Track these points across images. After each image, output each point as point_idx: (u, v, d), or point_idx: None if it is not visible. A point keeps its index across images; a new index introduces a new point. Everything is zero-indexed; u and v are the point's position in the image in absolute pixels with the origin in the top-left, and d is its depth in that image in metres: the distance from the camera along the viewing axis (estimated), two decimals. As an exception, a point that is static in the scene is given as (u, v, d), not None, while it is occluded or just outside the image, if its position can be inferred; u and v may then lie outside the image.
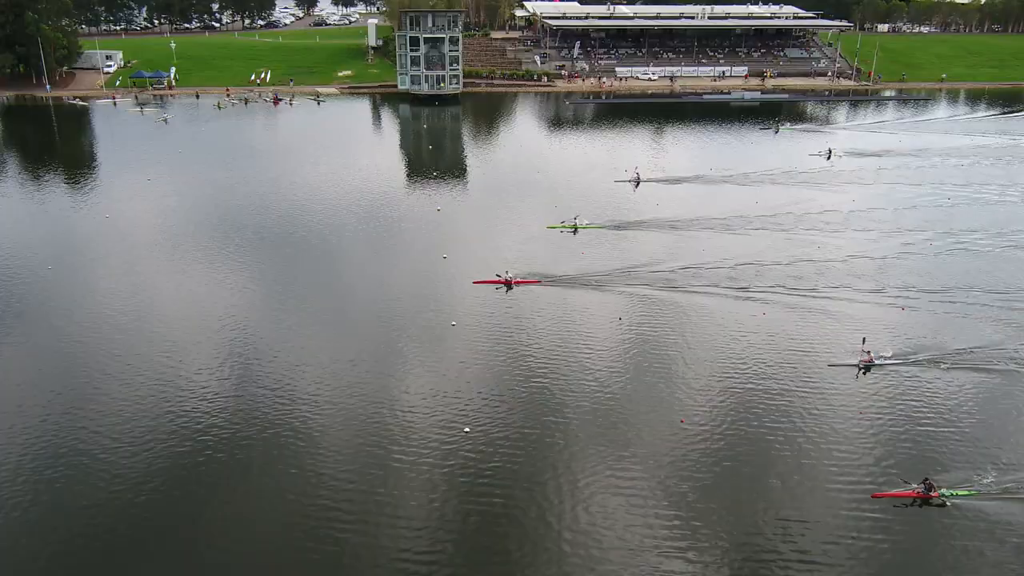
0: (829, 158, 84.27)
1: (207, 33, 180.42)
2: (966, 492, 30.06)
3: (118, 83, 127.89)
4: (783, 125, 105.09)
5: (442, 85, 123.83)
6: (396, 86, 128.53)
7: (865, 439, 34.06)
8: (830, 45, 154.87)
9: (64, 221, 63.46)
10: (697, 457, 32.79)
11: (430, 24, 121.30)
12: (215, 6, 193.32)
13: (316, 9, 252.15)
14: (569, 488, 30.86)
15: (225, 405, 36.33)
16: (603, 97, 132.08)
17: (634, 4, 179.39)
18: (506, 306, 47.61)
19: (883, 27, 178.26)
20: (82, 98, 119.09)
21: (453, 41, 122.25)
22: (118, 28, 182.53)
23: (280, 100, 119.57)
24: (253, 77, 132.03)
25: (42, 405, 35.71)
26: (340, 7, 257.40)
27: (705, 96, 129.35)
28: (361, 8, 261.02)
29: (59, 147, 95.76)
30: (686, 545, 28.05)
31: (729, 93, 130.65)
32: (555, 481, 31.27)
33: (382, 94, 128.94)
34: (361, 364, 40.06)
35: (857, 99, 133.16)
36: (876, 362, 39.62)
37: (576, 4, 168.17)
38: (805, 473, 31.76)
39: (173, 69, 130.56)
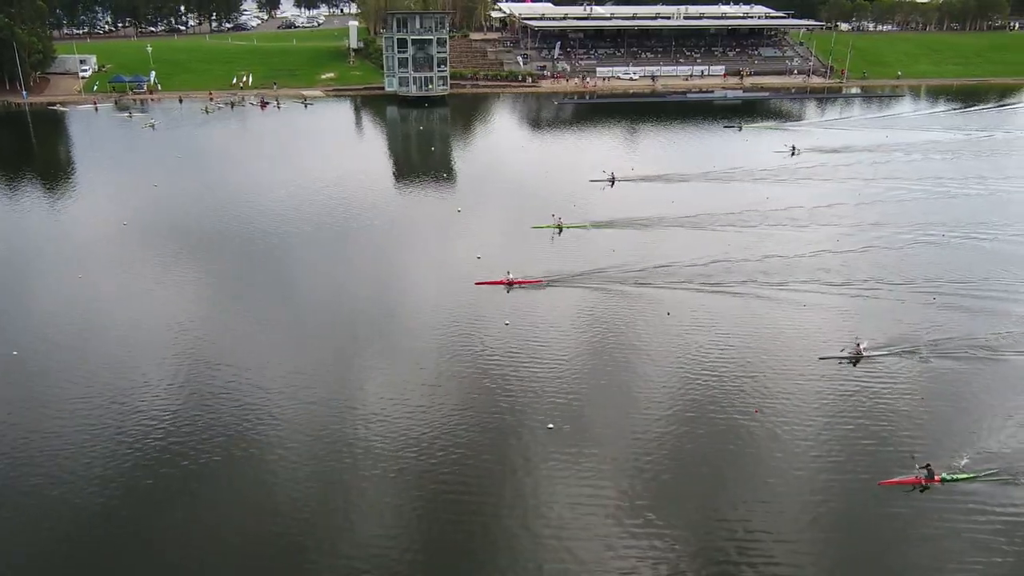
0: (793, 154, 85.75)
1: (176, 36, 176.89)
2: (965, 476, 31.23)
3: (96, 88, 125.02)
4: (746, 123, 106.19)
5: (430, 87, 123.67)
6: (382, 88, 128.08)
7: (862, 429, 34.83)
8: (801, 44, 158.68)
9: (86, 229, 62.04)
10: (700, 451, 33.20)
11: (418, 26, 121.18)
12: (181, 8, 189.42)
13: (279, 11, 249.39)
14: (563, 484, 31.10)
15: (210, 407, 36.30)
16: (587, 97, 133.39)
17: (603, 3, 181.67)
18: (509, 306, 47.51)
19: (844, 26, 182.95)
20: (62, 104, 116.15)
21: (441, 42, 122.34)
22: (80, 32, 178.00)
23: (267, 103, 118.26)
24: (235, 80, 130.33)
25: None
26: (304, 9, 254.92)
27: (689, 95, 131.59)
28: (325, 10, 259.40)
29: (57, 155, 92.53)
30: (687, 535, 28.48)
31: (712, 92, 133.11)
32: (548, 479, 31.51)
33: (368, 96, 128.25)
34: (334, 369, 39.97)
35: (833, 96, 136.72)
36: (865, 354, 40.63)
37: (550, 5, 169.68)
38: (810, 463, 32.46)
39: (153, 73, 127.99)
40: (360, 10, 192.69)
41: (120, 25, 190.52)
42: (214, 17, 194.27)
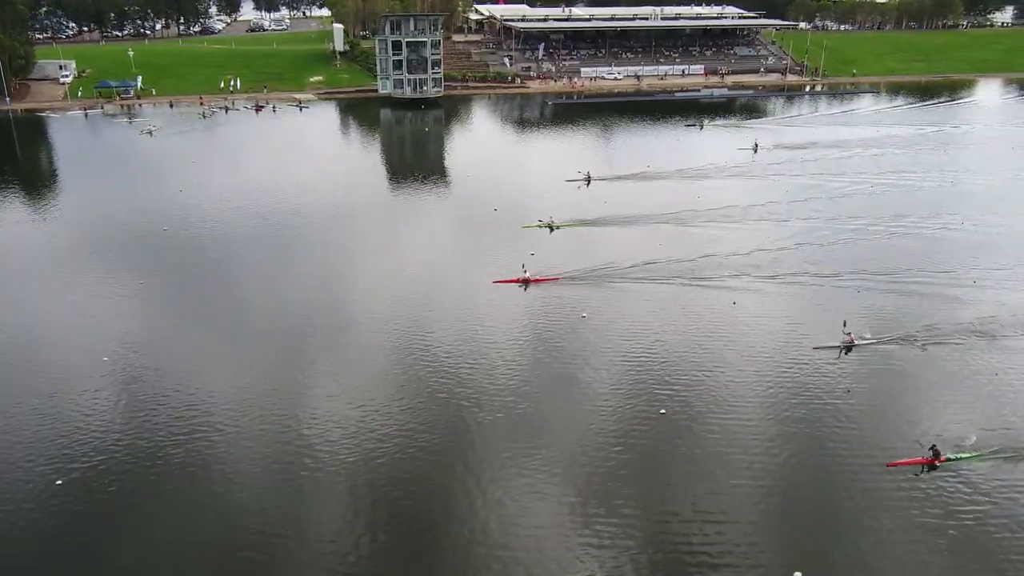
0: (756, 151, 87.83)
1: (148, 40, 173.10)
2: (968, 455, 32.60)
3: (80, 93, 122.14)
4: (706, 122, 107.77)
5: (424, 89, 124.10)
6: (375, 90, 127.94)
7: (863, 413, 36.09)
8: (773, 43, 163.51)
9: (129, 234, 61.30)
10: (711, 439, 34.10)
11: (412, 28, 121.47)
12: (149, 12, 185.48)
13: (239, 14, 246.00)
14: (575, 472, 31.89)
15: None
16: (575, 97, 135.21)
17: (573, 5, 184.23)
18: (525, 304, 48.36)
19: (804, 25, 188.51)
20: (52, 110, 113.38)
21: (435, 44, 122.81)
22: (41, 37, 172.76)
23: (262, 107, 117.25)
24: (222, 84, 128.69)
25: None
26: (264, 12, 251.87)
27: (677, 94, 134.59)
28: (286, 12, 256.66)
29: (69, 162, 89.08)
30: (694, 517, 29.47)
31: (699, 91, 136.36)
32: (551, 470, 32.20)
33: (361, 99, 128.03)
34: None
35: (811, 94, 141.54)
36: (857, 343, 41.94)
37: (525, 7, 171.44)
38: (819, 447, 33.62)
39: (140, 78, 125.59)
40: (331, 12, 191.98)
41: (84, 30, 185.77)
42: (182, 21, 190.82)
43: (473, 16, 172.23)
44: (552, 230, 60.88)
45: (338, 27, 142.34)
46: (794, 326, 44.88)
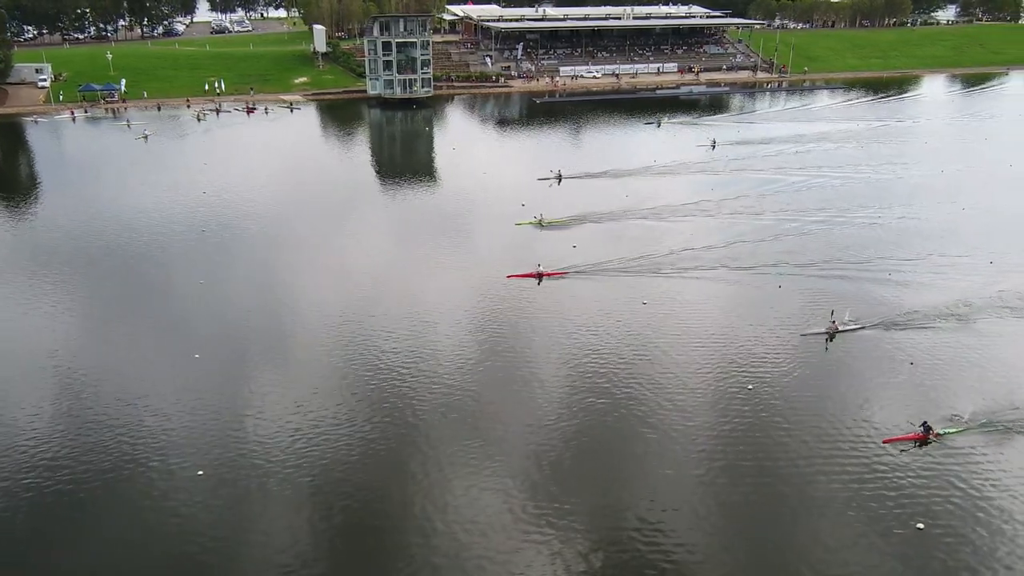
0: (713, 148, 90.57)
1: (113, 43, 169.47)
2: (955, 429, 35.07)
3: (62, 97, 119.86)
4: (664, 119, 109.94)
5: (414, 89, 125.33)
6: (364, 91, 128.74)
7: (854, 394, 38.41)
8: (740, 41, 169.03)
9: (167, 236, 61.71)
10: (713, 425, 36.08)
11: (402, 29, 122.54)
12: (118, 14, 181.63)
13: (195, 16, 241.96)
14: (566, 462, 33.39)
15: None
16: (557, 96, 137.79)
17: (539, 4, 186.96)
18: (541, 297, 50.25)
19: (762, 23, 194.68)
20: (38, 114, 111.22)
21: (424, 45, 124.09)
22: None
23: (254, 109, 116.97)
24: (207, 87, 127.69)
25: None
26: (219, 13, 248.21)
27: (657, 91, 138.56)
28: (242, 13, 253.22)
29: (72, 169, 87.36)
30: (704, 494, 31.43)
31: (679, 88, 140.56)
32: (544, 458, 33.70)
33: (350, 99, 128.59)
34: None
35: (781, 89, 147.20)
36: (841, 329, 44.25)
37: (496, 7, 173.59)
38: (820, 426, 35.73)
39: (123, 81, 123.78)
40: (301, 14, 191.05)
41: (42, 33, 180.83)
42: (145, 23, 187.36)
43: (447, 17, 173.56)
44: (542, 227, 62.56)
45: (319, 28, 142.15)
46: (780, 314, 46.96)
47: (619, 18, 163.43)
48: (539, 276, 52.16)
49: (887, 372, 40.66)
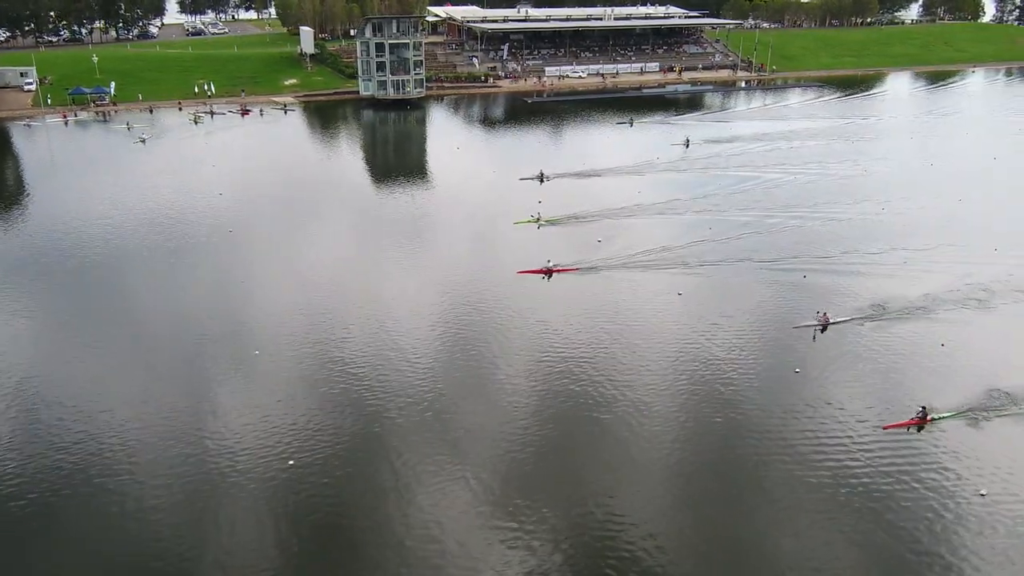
0: (687, 146, 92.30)
1: (90, 45, 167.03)
2: (950, 414, 36.72)
3: (50, 101, 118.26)
4: (636, 119, 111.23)
5: (407, 89, 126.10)
6: (356, 92, 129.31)
7: (848, 383, 39.89)
8: (718, 41, 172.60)
9: (193, 237, 62.17)
10: (715, 410, 37.46)
11: (394, 30, 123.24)
12: (99, 16, 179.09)
13: (163, 18, 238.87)
14: (567, 459, 34.10)
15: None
16: (545, 96, 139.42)
17: (515, 5, 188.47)
18: (548, 293, 51.58)
19: (732, 24, 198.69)
20: (31, 118, 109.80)
21: (416, 46, 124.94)
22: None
23: (248, 111, 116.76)
24: (197, 89, 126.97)
25: None
26: (189, 15, 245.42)
27: (644, 90, 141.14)
28: (212, 15, 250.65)
29: (82, 172, 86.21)
30: (708, 478, 32.70)
31: (665, 87, 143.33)
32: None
33: (343, 100, 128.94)
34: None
35: (762, 88, 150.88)
36: (831, 322, 45.65)
37: (477, 8, 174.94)
38: (819, 411, 37.20)
39: (113, 84, 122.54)
40: (279, 15, 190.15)
41: (14, 36, 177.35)
42: (121, 25, 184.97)
43: (429, 18, 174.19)
44: (540, 226, 63.80)
45: (306, 30, 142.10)
46: (771, 308, 48.61)
47: (600, 19, 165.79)
48: (548, 272, 53.28)
49: (880, 361, 42.02)
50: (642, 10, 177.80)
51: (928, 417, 36.14)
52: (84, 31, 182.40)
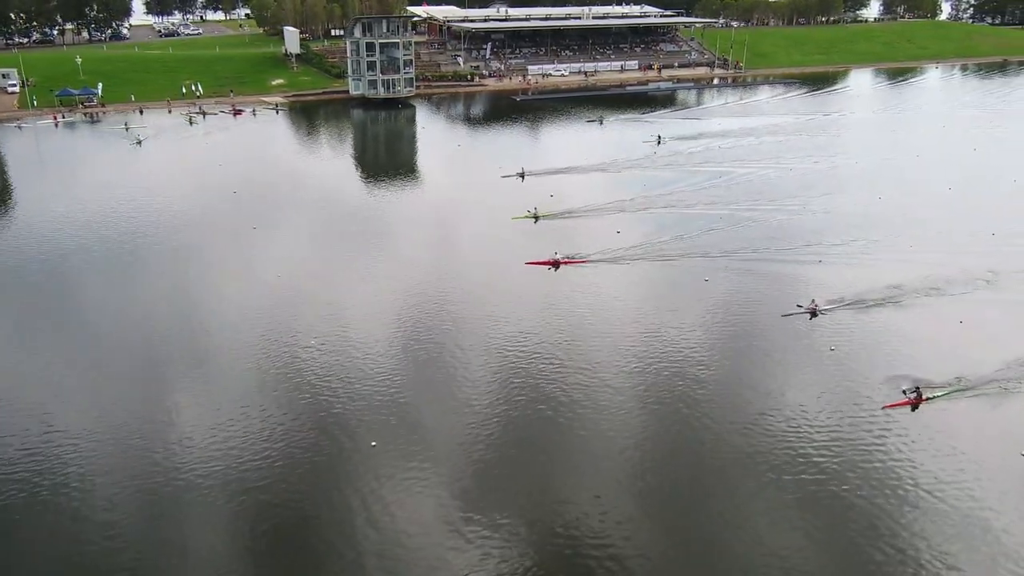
0: (659, 143, 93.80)
1: (65, 48, 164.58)
2: (942, 392, 38.59)
3: (35, 102, 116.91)
4: (606, 117, 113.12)
5: (397, 89, 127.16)
6: (345, 91, 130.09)
7: (842, 367, 41.44)
8: (693, 39, 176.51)
9: (220, 233, 62.96)
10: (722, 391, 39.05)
11: (384, 29, 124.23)
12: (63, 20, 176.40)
13: (130, 19, 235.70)
14: (569, 454, 34.55)
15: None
16: (530, 94, 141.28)
17: (497, 4, 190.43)
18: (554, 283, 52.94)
19: (700, 23, 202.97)
20: (21, 120, 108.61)
21: (407, 46, 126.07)
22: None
23: (241, 111, 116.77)
24: (184, 90, 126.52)
25: None
26: (156, 16, 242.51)
27: (628, 88, 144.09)
28: (179, 16, 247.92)
29: (89, 175, 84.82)
30: (712, 457, 33.85)
31: (647, 85, 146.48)
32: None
33: (333, 100, 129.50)
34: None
35: (736, 85, 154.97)
36: (820, 309, 47.16)
37: (455, 8, 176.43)
38: (821, 396, 38.63)
39: (101, 86, 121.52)
40: (252, 15, 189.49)
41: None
42: (94, 27, 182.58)
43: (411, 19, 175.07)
44: (536, 220, 65.14)
45: (291, 30, 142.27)
46: (765, 295, 50.19)
47: (579, 18, 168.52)
48: (556, 264, 54.79)
49: (874, 344, 43.82)
50: (618, 9, 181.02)
51: (923, 397, 37.90)
52: (55, 32, 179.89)
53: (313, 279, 53.29)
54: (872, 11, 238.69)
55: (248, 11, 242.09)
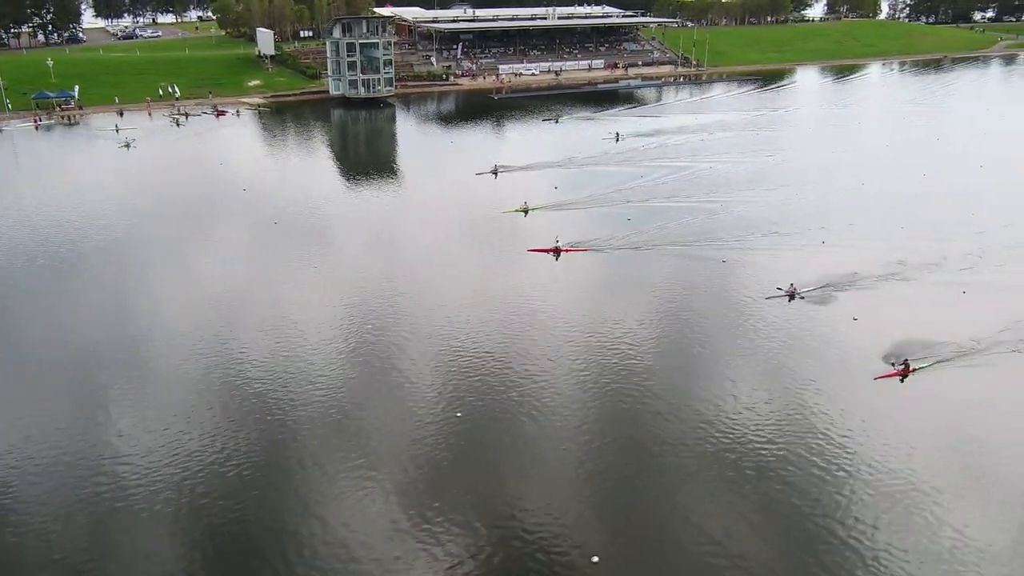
0: (617, 140, 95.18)
1: (25, 51, 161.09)
2: (926, 363, 40.60)
3: (10, 105, 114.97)
4: (563, 115, 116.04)
5: (377, 88, 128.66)
6: (321, 92, 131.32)
7: (831, 342, 43.32)
8: (654, 39, 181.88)
9: (240, 230, 64.34)
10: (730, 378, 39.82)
11: (364, 30, 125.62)
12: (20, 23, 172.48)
13: (84, 22, 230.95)
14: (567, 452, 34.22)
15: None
16: (504, 92, 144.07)
17: (461, 5, 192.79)
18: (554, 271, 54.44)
19: (657, 23, 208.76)
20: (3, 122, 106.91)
21: (386, 46, 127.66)
22: None
23: (224, 112, 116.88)
24: (162, 92, 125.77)
25: None
26: (105, 19, 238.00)
27: (600, 86, 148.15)
28: (129, 19, 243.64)
29: (95, 177, 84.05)
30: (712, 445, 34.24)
31: (618, 83, 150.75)
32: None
33: (313, 100, 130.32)
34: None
35: (699, 82, 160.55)
36: (798, 292, 48.91)
37: (420, 9, 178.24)
38: (815, 367, 40.70)
39: (77, 88, 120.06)
40: (216, 17, 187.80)
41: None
42: (51, 30, 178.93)
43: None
44: (526, 214, 66.45)
45: (265, 31, 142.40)
46: (756, 281, 51.81)
47: (545, 18, 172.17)
48: (557, 251, 56.35)
49: (851, 321, 45.91)
50: (582, 10, 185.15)
51: (910, 368, 39.98)
52: (10, 35, 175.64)
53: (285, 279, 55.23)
54: (817, 11, 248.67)
55: (201, 13, 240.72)
